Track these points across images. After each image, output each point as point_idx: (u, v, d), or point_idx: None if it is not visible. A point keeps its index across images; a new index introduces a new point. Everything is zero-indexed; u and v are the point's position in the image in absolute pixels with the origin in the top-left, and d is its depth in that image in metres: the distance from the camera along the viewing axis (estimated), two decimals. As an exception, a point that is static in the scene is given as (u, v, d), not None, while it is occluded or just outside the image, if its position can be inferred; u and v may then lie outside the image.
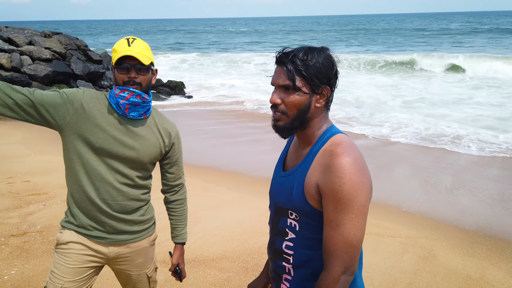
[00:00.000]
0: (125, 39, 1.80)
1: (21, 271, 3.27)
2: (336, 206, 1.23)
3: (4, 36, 13.26)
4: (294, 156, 1.44)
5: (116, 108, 1.82)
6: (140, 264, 2.02)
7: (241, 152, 7.52)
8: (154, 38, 54.26)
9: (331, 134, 1.34)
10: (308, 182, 1.30)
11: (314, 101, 1.32)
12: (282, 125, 1.33)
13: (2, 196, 4.82)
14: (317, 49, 1.31)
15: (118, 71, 1.77)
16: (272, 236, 1.48)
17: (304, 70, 1.27)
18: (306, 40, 44.43)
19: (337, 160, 1.24)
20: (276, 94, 1.32)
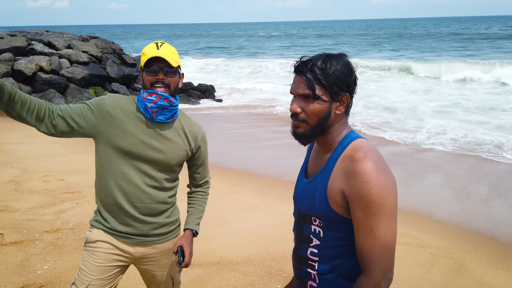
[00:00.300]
0: (154, 43, 1.85)
1: (53, 266, 3.40)
2: (367, 211, 1.22)
3: (45, 40, 13.87)
4: (315, 163, 1.45)
5: (144, 112, 1.86)
6: (165, 265, 2.06)
7: (270, 156, 7.52)
8: (186, 42, 55.29)
9: (351, 139, 1.34)
10: (331, 188, 1.30)
11: (334, 109, 1.32)
12: (302, 132, 1.34)
13: (38, 194, 5.03)
14: (335, 56, 1.32)
15: (146, 73, 1.82)
16: (297, 243, 1.48)
17: (323, 78, 1.28)
18: (338, 44, 43.64)
19: (360, 165, 1.24)
20: (296, 103, 1.33)
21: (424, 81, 17.70)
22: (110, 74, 13.88)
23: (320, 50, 1.29)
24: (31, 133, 8.50)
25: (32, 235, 3.91)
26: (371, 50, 34.09)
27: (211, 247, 3.92)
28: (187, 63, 23.81)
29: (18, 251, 3.60)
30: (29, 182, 5.43)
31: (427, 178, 6.24)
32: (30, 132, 8.61)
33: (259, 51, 38.36)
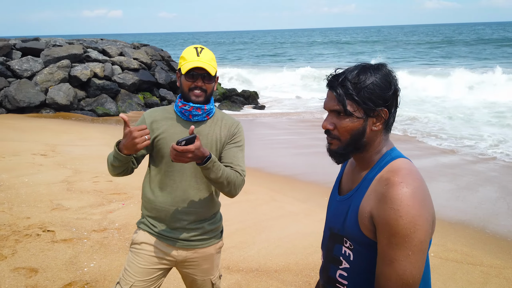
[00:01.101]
0: (194, 48, 1.91)
1: (99, 265, 3.54)
2: (390, 241, 1.13)
3: (99, 48, 14.63)
4: (350, 179, 1.37)
5: (181, 115, 1.98)
6: (206, 270, 2.09)
7: (311, 164, 7.43)
8: (232, 49, 56.14)
9: (390, 159, 1.25)
10: (362, 210, 1.22)
11: (370, 125, 1.23)
12: (335, 149, 1.27)
13: (88, 194, 5.28)
14: (371, 68, 1.22)
15: (186, 78, 1.90)
16: (326, 262, 1.40)
17: (355, 93, 1.19)
18: (386, 51, 42.21)
19: (393, 190, 1.14)
20: (328, 119, 1.27)
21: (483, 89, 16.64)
22: (159, 80, 14.38)
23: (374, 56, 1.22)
24: (83, 136, 8.98)
25: (81, 234, 4.11)
26: (423, 57, 32.60)
27: (250, 253, 3.92)
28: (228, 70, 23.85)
29: (67, 248, 3.79)
30: (80, 182, 5.72)
31: (481, 191, 5.89)
32: (83, 135, 9.10)
33: (303, 58, 38.15)
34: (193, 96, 1.90)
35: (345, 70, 1.24)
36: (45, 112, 11.75)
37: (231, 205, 5.18)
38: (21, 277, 3.27)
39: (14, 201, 4.87)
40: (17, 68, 12.11)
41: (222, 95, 15.25)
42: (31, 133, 9.04)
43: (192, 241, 2.00)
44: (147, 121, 1.98)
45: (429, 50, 40.11)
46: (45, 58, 12.70)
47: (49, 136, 8.70)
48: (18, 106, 11.31)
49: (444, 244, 4.17)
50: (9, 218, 4.36)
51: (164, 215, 1.97)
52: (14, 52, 12.93)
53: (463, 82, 17.07)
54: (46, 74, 12.19)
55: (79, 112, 12.19)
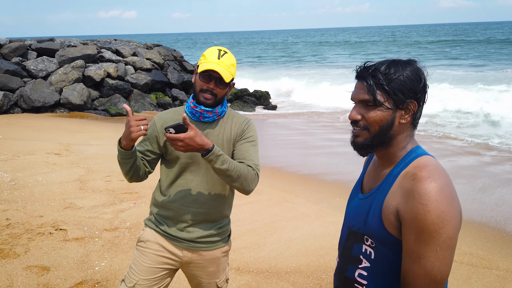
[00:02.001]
0: (217, 49, 1.89)
1: (110, 264, 3.55)
2: (418, 237, 1.10)
3: (113, 48, 14.77)
4: (373, 177, 1.35)
5: (192, 116, 1.95)
6: (212, 273, 2.06)
7: (323, 164, 7.37)
8: (243, 49, 56.12)
9: (415, 156, 1.23)
10: (386, 207, 1.20)
11: (398, 117, 1.22)
12: (362, 141, 1.25)
13: (100, 193, 5.32)
14: (402, 62, 1.23)
15: (200, 78, 1.88)
16: (343, 263, 1.36)
17: (386, 83, 1.19)
18: (411, 52, 37.73)
19: (421, 185, 1.12)
20: (356, 109, 1.25)
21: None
22: (171, 80, 14.46)
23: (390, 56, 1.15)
24: (97, 136, 9.07)
25: (93, 233, 4.13)
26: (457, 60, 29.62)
27: (260, 255, 3.89)
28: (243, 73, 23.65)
29: (79, 247, 3.81)
30: (92, 181, 5.76)
31: (498, 193, 5.76)
32: (96, 134, 9.19)
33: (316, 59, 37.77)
34: (202, 98, 1.87)
35: (375, 63, 1.24)
36: (60, 112, 11.91)
37: (242, 206, 5.16)
38: (33, 275, 3.29)
39: (27, 199, 4.93)
40: (33, 68, 12.30)
41: (233, 95, 15.24)
42: (45, 132, 9.16)
43: (198, 243, 1.97)
44: (158, 124, 1.97)
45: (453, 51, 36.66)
46: (60, 58, 12.87)
47: (63, 136, 8.81)
48: (33, 105, 11.48)
49: (459, 247, 4.08)
50: (23, 216, 4.41)
51: (173, 215, 1.96)
52: (29, 52, 13.14)
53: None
54: (60, 74, 12.35)
55: (92, 112, 12.33)
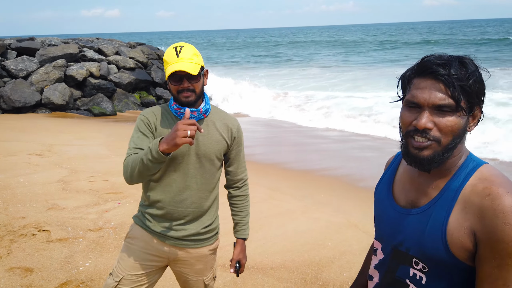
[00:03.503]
0: (173, 48, 1.86)
1: (94, 264, 3.53)
2: (505, 261, 0.97)
3: (95, 47, 14.59)
4: (412, 187, 1.17)
5: (178, 116, 1.93)
6: (199, 271, 2.08)
7: (307, 160, 7.44)
8: (227, 48, 55.82)
9: (475, 165, 1.09)
10: (455, 227, 1.04)
11: (467, 125, 1.07)
12: (431, 154, 1.06)
13: (84, 193, 5.27)
14: (468, 59, 1.06)
15: (171, 82, 1.86)
16: (384, 286, 1.21)
17: (467, 85, 1.02)
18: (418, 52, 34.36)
19: (502, 202, 0.98)
20: (428, 115, 1.04)
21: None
22: (155, 79, 14.36)
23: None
24: (80, 136, 8.96)
25: (76, 233, 4.10)
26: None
27: (246, 251, 3.92)
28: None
29: (63, 247, 3.78)
30: (76, 182, 5.70)
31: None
32: (79, 135, 9.08)
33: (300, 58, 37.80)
34: (182, 98, 1.86)
35: (442, 57, 1.06)
36: (41, 112, 11.72)
37: (227, 203, 5.15)
38: (16, 277, 3.26)
39: (9, 201, 4.85)
40: (12, 68, 12.06)
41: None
42: (27, 133, 9.02)
43: (186, 241, 1.99)
44: (151, 119, 1.91)
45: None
46: (41, 57, 12.66)
47: (45, 136, 8.68)
48: (13, 106, 11.27)
49: None
50: (4, 218, 4.35)
51: (161, 214, 1.96)
52: (9, 52, 12.88)
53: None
54: (41, 74, 12.15)
55: (75, 112, 12.16)
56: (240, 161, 2.09)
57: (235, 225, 2.16)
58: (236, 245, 2.15)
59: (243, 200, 2.16)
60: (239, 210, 2.16)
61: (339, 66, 26.74)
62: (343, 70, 24.09)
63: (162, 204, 1.95)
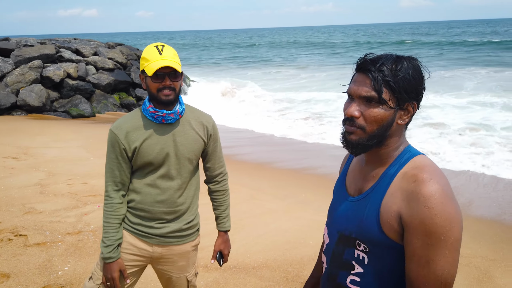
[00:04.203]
0: (154, 46, 1.87)
1: (73, 268, 3.48)
2: (426, 241, 1.07)
3: (73, 48, 14.31)
4: (361, 177, 1.27)
5: (153, 120, 1.93)
6: (182, 267, 2.09)
7: (289, 160, 7.49)
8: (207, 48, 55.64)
9: (410, 155, 1.18)
10: (386, 210, 1.14)
11: (397, 118, 1.16)
12: (356, 140, 1.16)
13: (62, 196, 5.17)
14: (406, 58, 1.16)
15: (153, 80, 1.84)
16: (333, 269, 1.29)
17: (393, 81, 1.11)
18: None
19: (424, 187, 1.08)
20: (355, 105, 1.15)
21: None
22: (134, 80, 14.18)
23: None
24: (58, 138, 8.77)
25: (55, 237, 4.02)
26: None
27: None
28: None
29: (41, 252, 3.71)
30: (54, 185, 5.59)
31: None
32: (57, 137, 8.90)
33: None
34: (163, 96, 1.85)
35: (381, 56, 1.16)
36: (17, 115, 11.43)
37: (210, 204, 5.14)
38: (-8, 283, 3.18)
39: (-16, 205, 4.73)
40: (-14, 69, 11.72)
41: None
42: (2, 135, 8.78)
43: (169, 238, 2.00)
44: (120, 137, 1.89)
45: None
46: (16, 58, 12.34)
47: (21, 139, 8.47)
48: (-12, 108, 10.96)
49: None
50: (-21, 223, 4.24)
51: (143, 214, 1.97)
52: (-18, 52, 12.52)
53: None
54: (17, 75, 11.84)
55: (52, 114, 11.90)
56: (217, 156, 2.12)
57: (216, 218, 2.22)
58: (218, 237, 2.22)
59: (223, 195, 2.21)
60: (219, 204, 2.21)
61: (315, 66, 26.97)
62: (321, 71, 24.34)
63: (144, 206, 1.95)
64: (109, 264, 1.90)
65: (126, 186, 1.96)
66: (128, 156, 1.92)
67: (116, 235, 1.92)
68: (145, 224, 1.97)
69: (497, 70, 20.77)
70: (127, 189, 1.97)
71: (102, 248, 1.92)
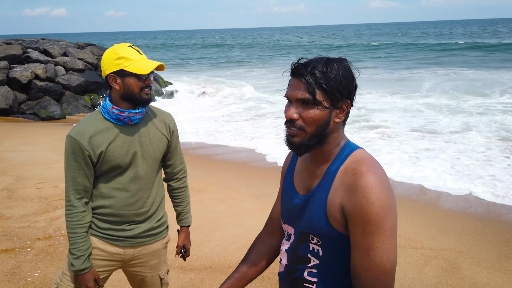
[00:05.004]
0: (129, 46, 1.84)
1: (44, 274, 3.39)
2: (364, 229, 1.13)
3: (41, 48, 13.89)
4: (307, 175, 1.33)
5: (117, 122, 1.87)
6: (154, 266, 2.09)
7: (263, 159, 7.53)
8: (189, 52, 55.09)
9: (350, 150, 1.26)
10: (331, 204, 1.22)
11: (333, 116, 1.22)
12: (299, 141, 1.22)
13: (31, 201, 5.02)
14: (336, 60, 1.23)
15: (139, 80, 1.81)
16: (291, 264, 1.35)
17: (324, 82, 1.18)
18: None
19: (362, 179, 1.15)
20: (293, 108, 1.21)
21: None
22: (106, 80, 13.90)
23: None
24: (26, 141, 8.50)
25: (24, 243, 3.91)
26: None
27: (204, 252, 3.92)
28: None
29: (9, 258, 3.59)
30: (22, 189, 5.42)
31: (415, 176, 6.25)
32: (25, 140, 8.62)
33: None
34: (144, 96, 1.84)
35: (312, 60, 1.22)
36: (-18, 117, 11.01)
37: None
38: (-43, 292, 3.06)
39: None
40: None
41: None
42: (-34, 139, 8.43)
43: (141, 238, 1.99)
44: (83, 143, 1.80)
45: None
46: (-20, 59, 11.87)
47: (-14, 142, 8.16)
48: (-50, 111, 10.50)
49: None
50: None
51: (113, 218, 1.93)
52: None
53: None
54: (-19, 76, 11.40)
55: (20, 116, 11.52)
56: (178, 153, 2.12)
57: (178, 215, 2.23)
58: (180, 233, 2.23)
59: (184, 191, 2.21)
60: (180, 201, 2.21)
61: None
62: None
63: (114, 210, 1.91)
64: (83, 275, 1.86)
65: (89, 193, 1.89)
66: (93, 162, 1.85)
67: (85, 245, 1.85)
68: (115, 228, 1.93)
69: (454, 70, 21.28)
70: (90, 196, 1.90)
71: (72, 261, 1.84)
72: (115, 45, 1.85)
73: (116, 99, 1.86)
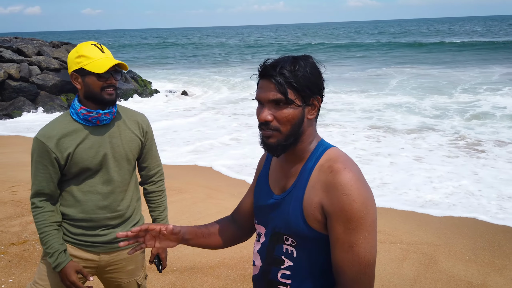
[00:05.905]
0: (92, 44, 1.79)
1: (18, 280, 3.29)
2: (347, 226, 1.14)
3: (14, 47, 13.51)
4: (281, 175, 1.33)
5: (86, 123, 1.82)
6: (131, 272, 2.03)
7: (245, 157, 7.52)
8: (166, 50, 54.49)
9: (324, 148, 1.26)
10: (309, 203, 1.21)
11: (306, 113, 1.23)
12: (275, 142, 1.22)
13: (5, 205, 4.87)
14: (301, 58, 1.24)
15: (99, 78, 1.76)
16: (265, 266, 1.34)
17: (294, 81, 1.18)
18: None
19: (340, 176, 1.16)
20: (266, 110, 1.21)
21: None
22: (83, 80, 13.63)
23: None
24: (-1, 143, 8.25)
25: (-3, 248, 3.79)
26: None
27: (184, 253, 3.88)
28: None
29: (-19, 265, 3.48)
30: (-5, 193, 5.26)
31: (401, 172, 6.36)
32: (-2, 141, 8.36)
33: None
34: (106, 95, 1.77)
35: (278, 60, 1.22)
36: (-48, 119, 10.63)
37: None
38: None
39: None
40: None
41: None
42: None
43: (115, 243, 1.92)
44: (50, 145, 1.75)
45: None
46: (-51, 59, 11.46)
47: (-43, 145, 7.89)
48: None
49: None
50: None
51: (86, 224, 1.86)
52: None
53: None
54: (-50, 76, 11.00)
55: (-7, 118, 11.19)
56: (153, 155, 2.05)
57: (153, 221, 2.12)
58: None
59: (160, 195, 2.11)
60: (156, 206, 2.11)
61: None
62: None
63: (86, 215, 1.85)
64: (62, 270, 1.79)
65: (54, 196, 1.84)
66: (60, 165, 1.79)
67: (57, 242, 1.80)
68: (88, 233, 1.87)
69: (425, 68, 21.57)
70: (56, 198, 1.85)
71: (49, 259, 1.80)
72: (80, 43, 1.81)
73: (82, 99, 1.82)
